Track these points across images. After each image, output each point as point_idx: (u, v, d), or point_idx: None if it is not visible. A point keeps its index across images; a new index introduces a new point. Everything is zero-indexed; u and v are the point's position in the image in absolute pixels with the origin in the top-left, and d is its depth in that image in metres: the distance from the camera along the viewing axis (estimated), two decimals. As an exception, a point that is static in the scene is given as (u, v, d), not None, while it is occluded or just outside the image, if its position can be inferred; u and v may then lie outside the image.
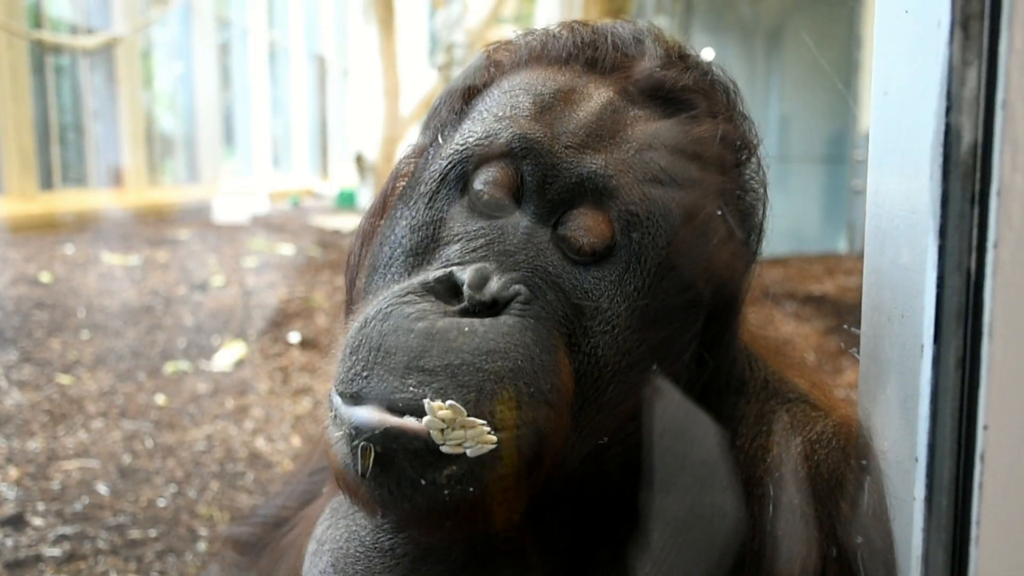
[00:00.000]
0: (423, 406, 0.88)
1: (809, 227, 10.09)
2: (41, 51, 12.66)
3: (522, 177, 1.06)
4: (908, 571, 0.92)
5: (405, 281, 1.04)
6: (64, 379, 4.56)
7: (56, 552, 2.75)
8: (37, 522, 2.95)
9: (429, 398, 0.89)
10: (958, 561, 0.85)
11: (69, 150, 14.46)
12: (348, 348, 0.96)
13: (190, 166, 18.60)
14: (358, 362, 0.94)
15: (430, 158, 1.15)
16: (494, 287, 0.98)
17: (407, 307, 0.96)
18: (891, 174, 0.98)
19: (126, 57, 15.08)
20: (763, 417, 1.11)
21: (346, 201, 17.18)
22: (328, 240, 10.95)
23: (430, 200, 1.11)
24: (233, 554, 1.67)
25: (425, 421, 0.88)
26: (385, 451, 0.88)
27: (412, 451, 0.88)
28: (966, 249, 0.83)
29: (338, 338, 1.03)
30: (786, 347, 1.32)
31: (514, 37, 1.23)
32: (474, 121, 1.13)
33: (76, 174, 14.58)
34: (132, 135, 15.61)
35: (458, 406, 0.88)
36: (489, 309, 0.97)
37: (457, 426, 0.88)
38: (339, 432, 0.93)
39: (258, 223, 13.13)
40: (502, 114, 1.10)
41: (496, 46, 1.23)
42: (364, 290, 1.12)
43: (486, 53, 1.22)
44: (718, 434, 1.07)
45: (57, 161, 13.85)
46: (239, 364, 5.09)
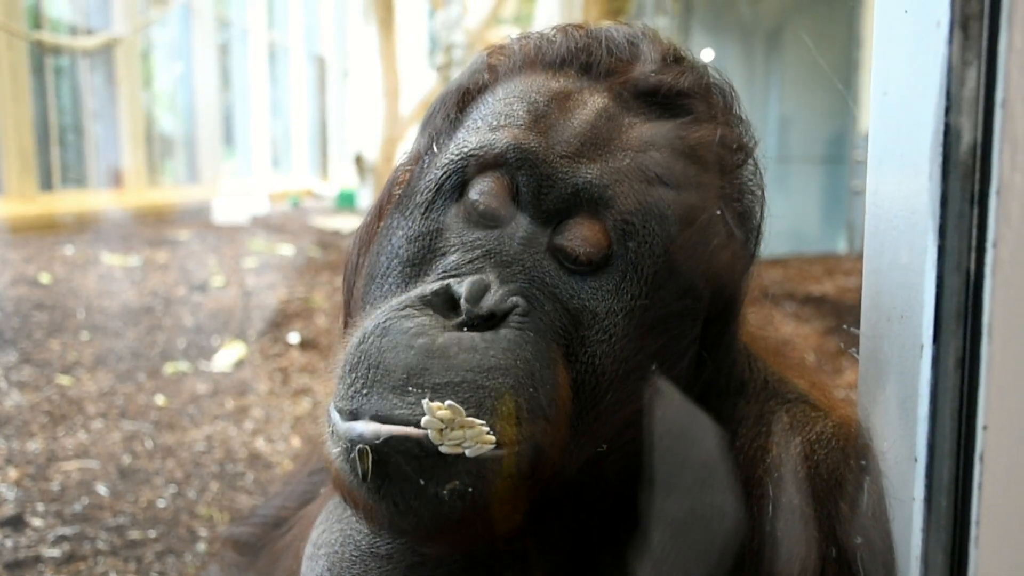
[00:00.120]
0: (422, 407, 0.88)
1: (809, 227, 10.09)
2: (41, 52, 12.67)
3: (517, 187, 1.05)
4: (907, 572, 0.92)
5: (403, 293, 1.04)
6: (64, 380, 4.55)
7: (56, 553, 2.75)
8: (37, 523, 2.94)
9: (428, 398, 0.89)
10: (957, 562, 0.85)
11: (69, 151, 14.46)
12: (347, 364, 0.95)
13: (190, 167, 18.61)
14: (358, 379, 0.93)
15: (426, 166, 1.14)
16: (491, 300, 0.98)
17: (406, 321, 0.96)
18: (890, 174, 0.98)
19: (126, 58, 15.09)
20: (763, 418, 1.11)
21: (346, 202, 17.18)
22: (328, 241, 10.96)
23: (426, 210, 1.10)
24: (232, 554, 1.67)
25: (424, 421, 0.88)
26: (383, 457, 0.88)
27: (411, 455, 0.88)
28: (965, 249, 0.83)
29: (337, 352, 1.02)
30: (786, 347, 1.32)
31: (508, 41, 1.22)
32: (469, 130, 1.12)
33: (76, 175, 14.58)
34: (132, 136, 15.62)
35: (457, 406, 0.88)
36: (487, 321, 0.97)
37: (456, 426, 0.88)
38: (337, 448, 0.93)
39: (258, 224, 13.13)
40: (497, 123, 1.09)
41: (491, 51, 1.22)
42: (362, 299, 1.11)
43: (480, 58, 1.21)
44: (718, 435, 1.07)
45: (57, 162, 13.85)
46: (239, 365, 5.09)
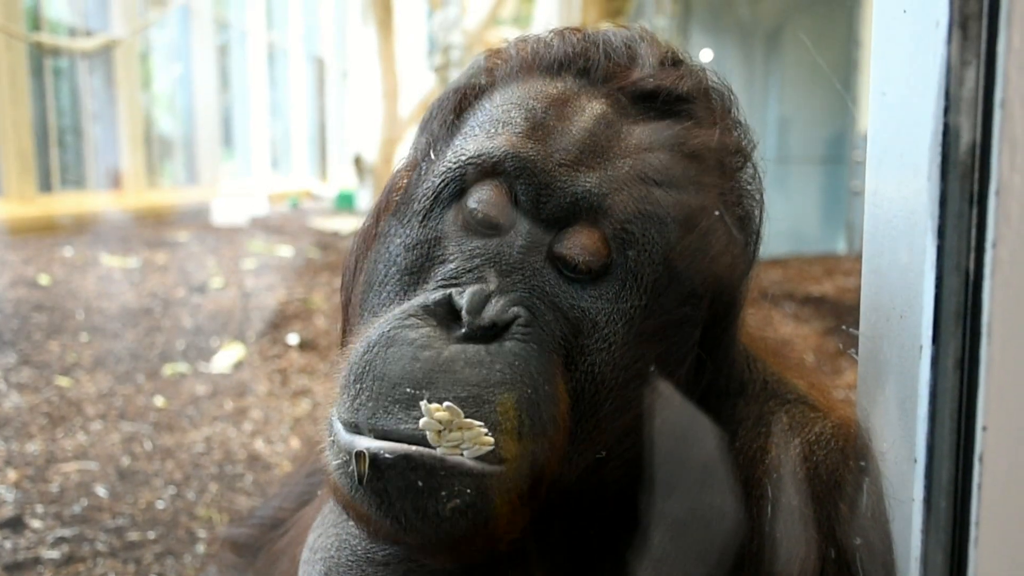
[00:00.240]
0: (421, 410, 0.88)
1: (808, 228, 10.09)
2: (40, 53, 12.65)
3: (516, 195, 1.05)
4: (907, 572, 0.92)
5: (404, 302, 1.03)
6: (63, 381, 4.55)
7: (55, 554, 2.75)
8: (36, 524, 2.94)
9: (426, 400, 0.88)
10: (957, 562, 0.85)
11: (68, 152, 14.46)
12: (351, 375, 0.95)
13: (189, 168, 18.60)
14: (363, 391, 0.92)
15: (423, 173, 1.13)
16: (492, 311, 0.97)
17: (410, 332, 0.95)
18: (890, 174, 0.98)
19: (125, 59, 15.08)
20: (762, 418, 1.10)
21: (345, 203, 17.18)
22: (327, 242, 10.95)
23: (424, 218, 1.09)
24: (230, 555, 1.67)
25: (422, 422, 0.88)
26: (385, 473, 0.88)
27: (414, 472, 0.88)
28: (965, 249, 0.83)
29: (339, 359, 1.02)
30: (785, 348, 1.32)
31: (505, 45, 1.21)
32: (467, 137, 1.11)
33: (75, 176, 14.57)
34: (131, 137, 15.61)
35: (455, 407, 0.88)
36: (489, 331, 0.96)
37: (454, 427, 0.88)
38: (337, 460, 0.93)
39: (257, 225, 13.13)
40: (494, 130, 1.08)
41: (488, 55, 1.21)
42: (360, 307, 1.10)
43: (477, 62, 1.20)
44: (717, 436, 1.07)
45: (56, 163, 13.84)
46: (238, 366, 5.09)
